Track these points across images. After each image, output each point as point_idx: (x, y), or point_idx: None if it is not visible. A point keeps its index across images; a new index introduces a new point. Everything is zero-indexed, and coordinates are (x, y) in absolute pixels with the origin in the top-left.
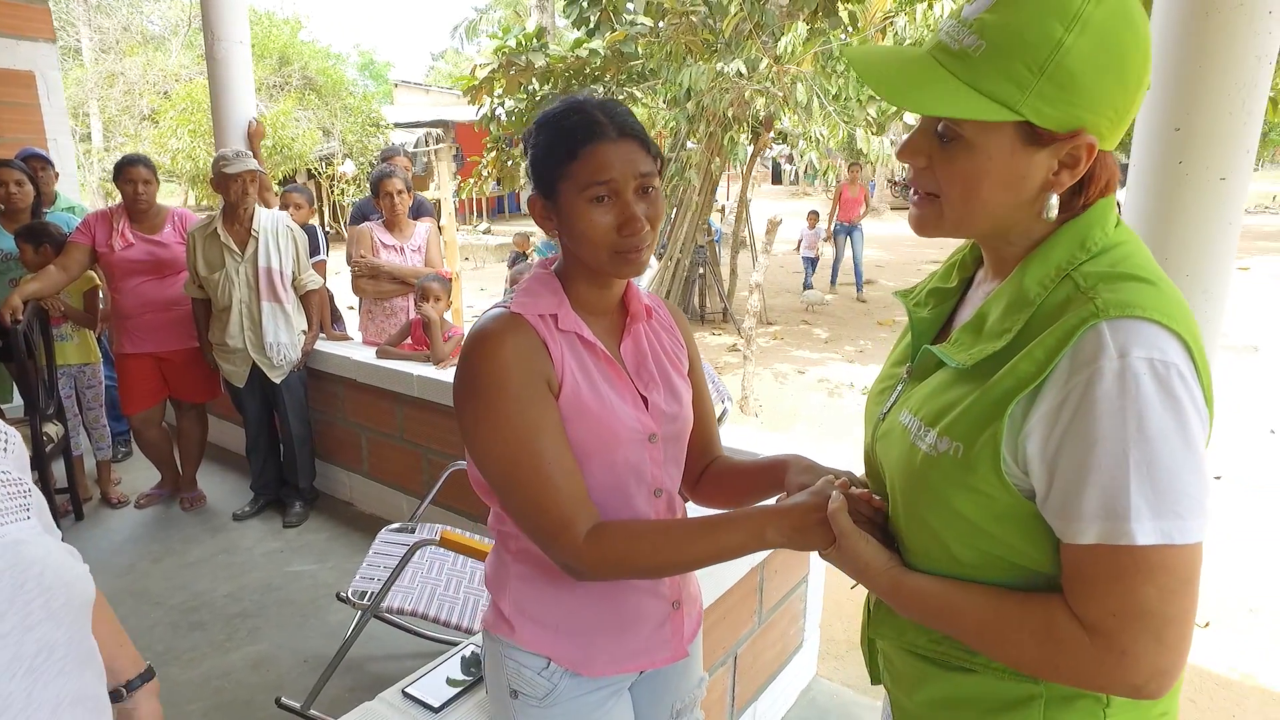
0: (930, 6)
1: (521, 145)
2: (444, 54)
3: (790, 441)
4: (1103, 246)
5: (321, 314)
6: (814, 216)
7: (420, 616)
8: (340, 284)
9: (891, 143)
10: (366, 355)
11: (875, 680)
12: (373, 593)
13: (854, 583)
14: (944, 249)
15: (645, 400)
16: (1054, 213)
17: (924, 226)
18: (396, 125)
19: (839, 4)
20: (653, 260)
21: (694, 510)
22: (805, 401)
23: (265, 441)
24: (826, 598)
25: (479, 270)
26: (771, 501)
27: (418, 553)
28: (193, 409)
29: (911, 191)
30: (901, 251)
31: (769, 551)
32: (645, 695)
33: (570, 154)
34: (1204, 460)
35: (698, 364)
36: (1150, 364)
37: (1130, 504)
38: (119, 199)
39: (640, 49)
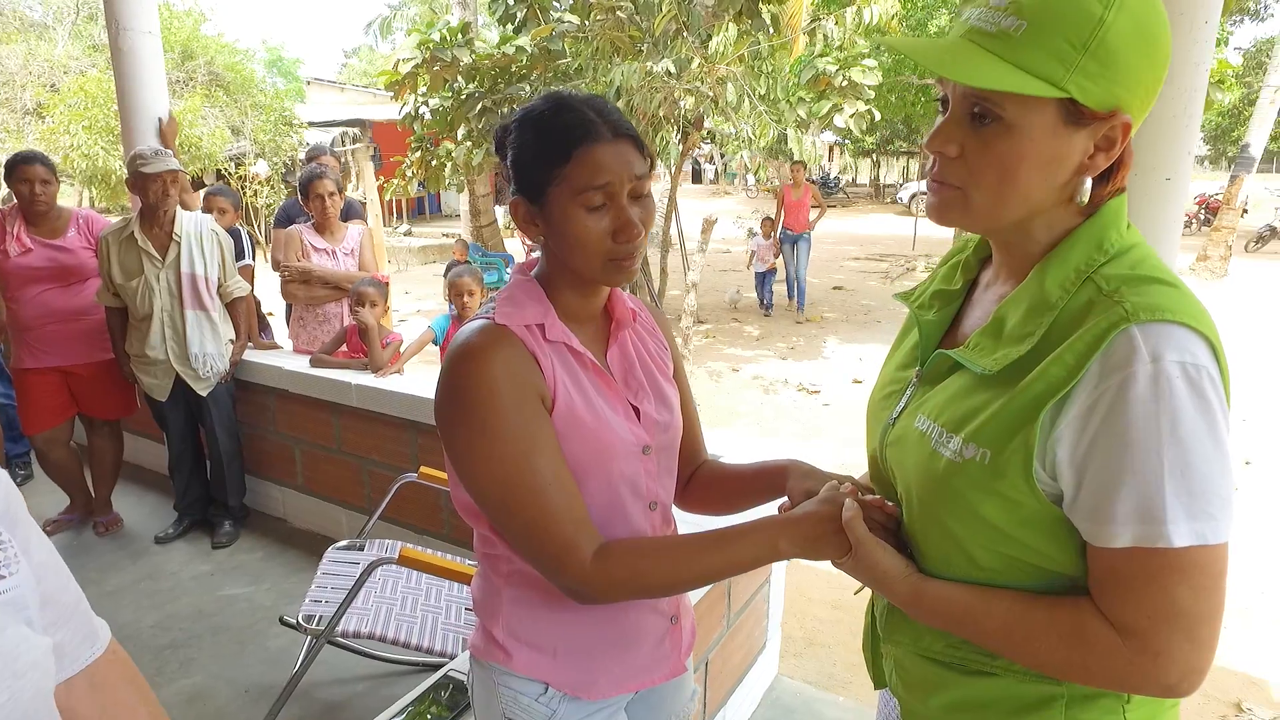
0: (859, 12)
1: (495, 143)
2: (357, 51)
3: (765, 445)
4: (1119, 248)
5: (249, 322)
6: (768, 224)
7: (378, 639)
8: (264, 290)
9: (814, 143)
10: (299, 364)
11: (879, 685)
12: (322, 616)
13: (858, 588)
14: (864, 246)
15: (637, 411)
16: (1087, 197)
17: (947, 215)
18: (311, 124)
19: (761, 6)
20: None
21: (679, 516)
22: (742, 399)
23: (190, 458)
24: (784, 596)
25: (402, 273)
26: (770, 508)
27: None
28: (106, 426)
29: (930, 181)
30: (824, 248)
31: None
32: (641, 714)
33: (563, 155)
34: (1230, 459)
35: (681, 366)
36: (1183, 367)
37: (1166, 507)
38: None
39: (567, 47)
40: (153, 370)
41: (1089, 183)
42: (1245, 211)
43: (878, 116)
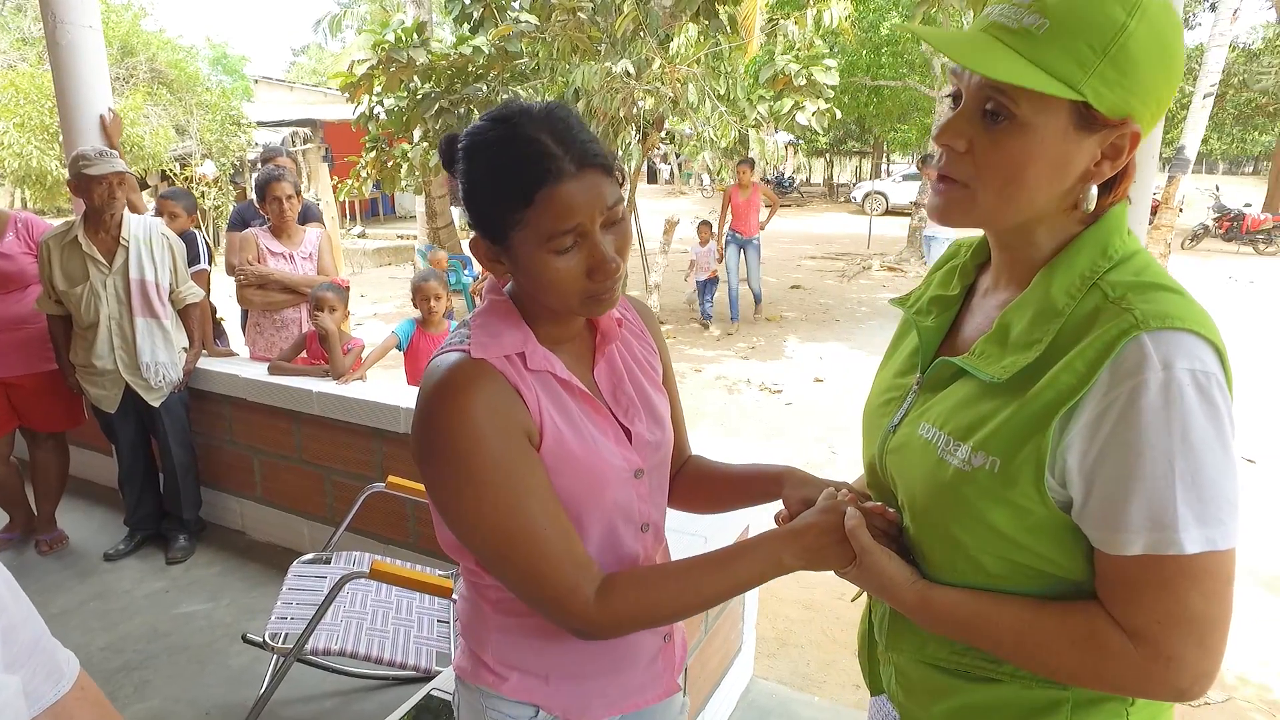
0: (820, 13)
1: (440, 156)
2: (306, 49)
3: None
4: (1123, 254)
5: (204, 329)
6: (706, 229)
7: (349, 656)
8: (217, 295)
9: (775, 143)
10: (257, 372)
11: (875, 692)
12: (288, 634)
13: (855, 594)
14: (820, 245)
15: (628, 433)
16: (1093, 204)
17: (950, 215)
18: (260, 124)
19: (718, 6)
20: None
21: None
22: (706, 399)
23: (141, 471)
24: (757, 597)
25: (357, 276)
26: (757, 511)
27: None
28: (50, 439)
29: (935, 179)
30: (780, 248)
31: None
32: None
33: (523, 199)
34: (1237, 464)
35: (669, 366)
36: (1193, 375)
37: (1178, 514)
38: None
39: (524, 47)
40: (100, 381)
41: (1094, 190)
42: (1181, 210)
43: (839, 115)
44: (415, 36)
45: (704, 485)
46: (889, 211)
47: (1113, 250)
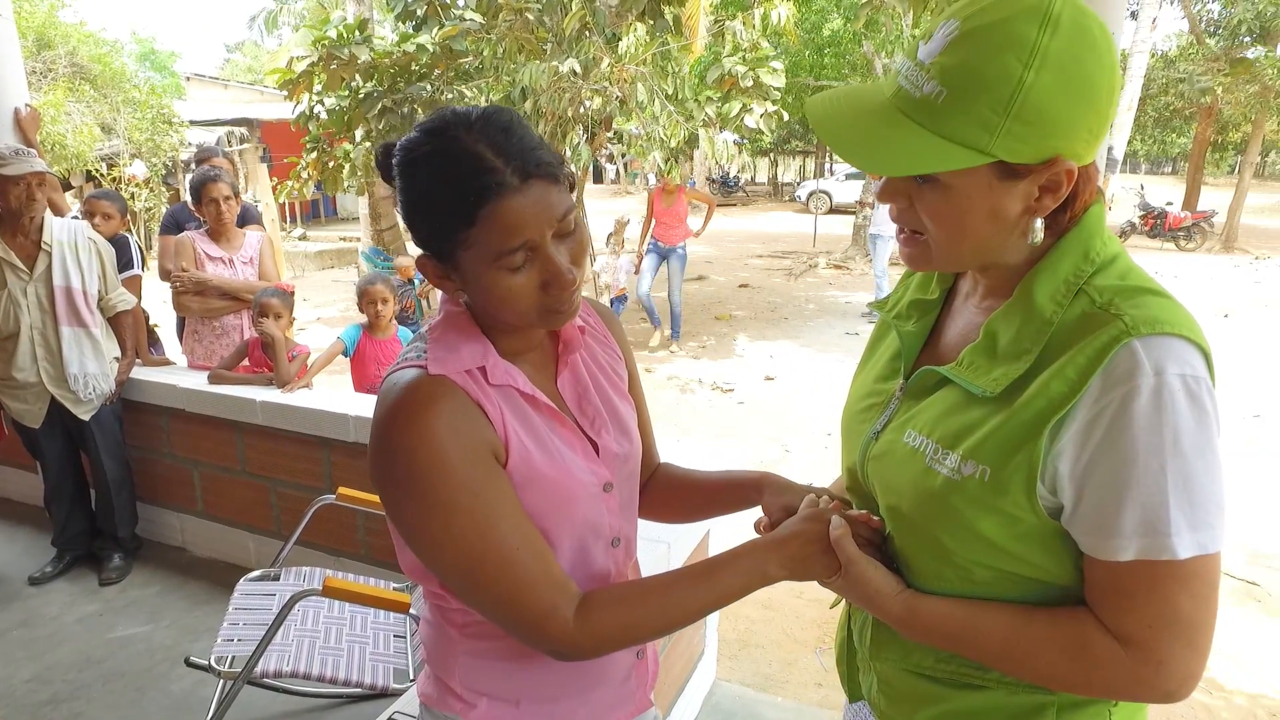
0: (767, 15)
1: (376, 164)
2: (241, 46)
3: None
4: (1105, 257)
5: (137, 337)
6: (618, 237)
7: (302, 677)
8: (150, 302)
9: (726, 143)
10: (196, 381)
11: (854, 699)
12: (235, 656)
13: (834, 601)
14: (766, 244)
15: (595, 446)
16: (1039, 237)
17: (916, 264)
18: (193, 123)
19: (663, 6)
20: None
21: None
22: (658, 400)
23: (70, 488)
24: None
25: (299, 279)
26: (738, 519)
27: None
28: None
29: (898, 230)
30: (727, 246)
31: None
32: None
33: (465, 219)
34: (1223, 467)
35: (635, 372)
36: (1183, 380)
37: (1170, 519)
38: None
39: (470, 45)
40: (22, 394)
41: (1040, 223)
42: (1110, 208)
43: (786, 116)
44: (357, 34)
45: (677, 494)
46: (833, 210)
47: (1094, 253)
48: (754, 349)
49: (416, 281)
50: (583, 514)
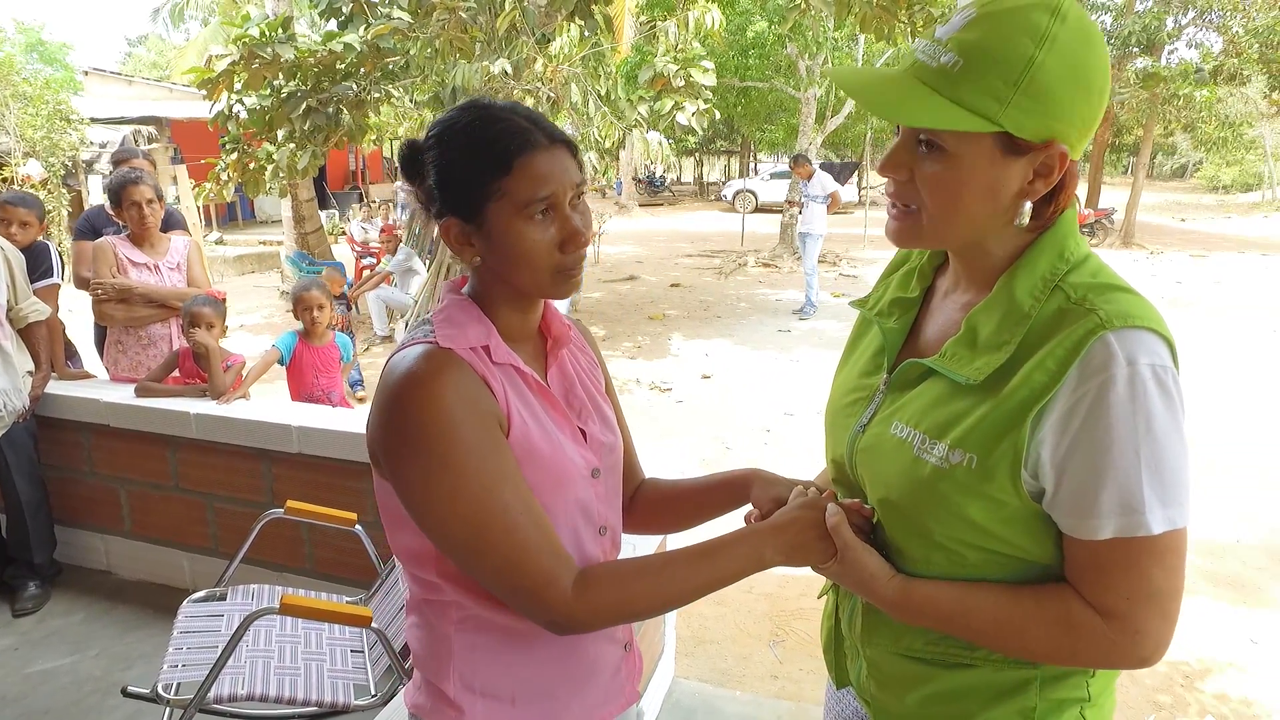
0: (703, 15)
1: (402, 167)
2: (144, 40)
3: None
4: (1078, 257)
5: (53, 350)
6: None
7: (259, 700)
8: (66, 313)
9: (660, 144)
10: (122, 394)
11: (841, 685)
12: (181, 683)
13: (821, 591)
14: (695, 243)
15: (583, 433)
16: (1027, 219)
17: (903, 238)
18: (94, 120)
19: (593, 7)
20: (419, 265)
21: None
22: None
23: None
24: None
25: (219, 285)
26: (726, 521)
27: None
28: None
29: (890, 205)
30: (657, 246)
31: None
32: None
33: (503, 167)
34: (1189, 448)
35: (611, 383)
36: (1153, 369)
37: (1144, 498)
38: None
39: (397, 44)
40: None
41: (1028, 207)
42: None
43: (718, 115)
44: (280, 32)
45: (666, 503)
46: (758, 209)
47: (1068, 253)
48: (689, 348)
49: (348, 287)
50: (575, 495)
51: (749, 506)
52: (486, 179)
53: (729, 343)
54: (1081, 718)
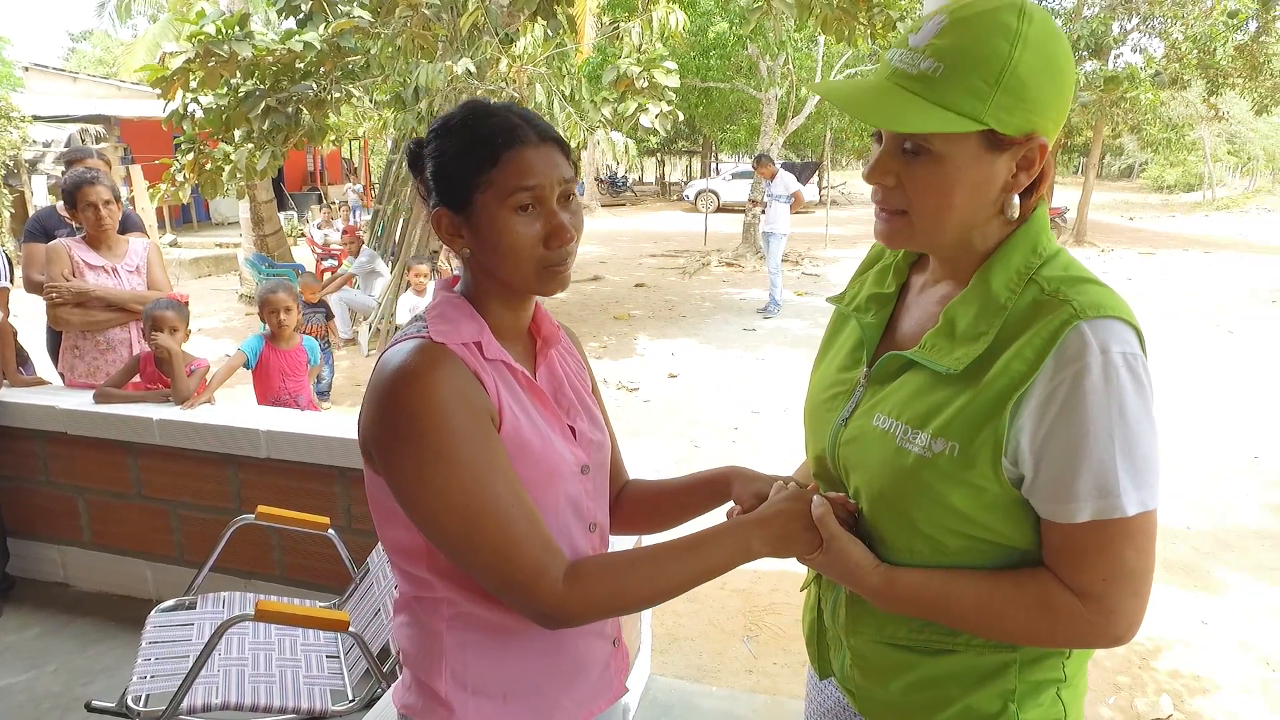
0: (667, 15)
1: (406, 159)
2: (89, 35)
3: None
4: (1050, 251)
5: (3, 356)
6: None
7: (234, 709)
8: (17, 316)
9: (626, 146)
10: (79, 401)
11: (824, 676)
12: (149, 695)
13: (804, 583)
14: (658, 243)
15: (573, 430)
16: (1016, 211)
17: (894, 240)
18: (36, 118)
19: (556, 7)
20: (383, 267)
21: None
22: None
23: None
24: None
25: (174, 288)
26: (709, 518)
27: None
28: None
29: (877, 209)
30: (620, 246)
31: None
32: None
33: (490, 159)
34: (1158, 432)
35: (597, 385)
36: (1125, 357)
37: (1119, 482)
38: None
39: (358, 43)
40: None
41: (1017, 198)
42: None
43: (681, 116)
44: (238, 29)
45: (650, 503)
46: (720, 209)
47: (1041, 248)
48: (655, 347)
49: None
50: (566, 490)
51: (731, 504)
52: (475, 170)
53: (694, 342)
54: (1058, 697)
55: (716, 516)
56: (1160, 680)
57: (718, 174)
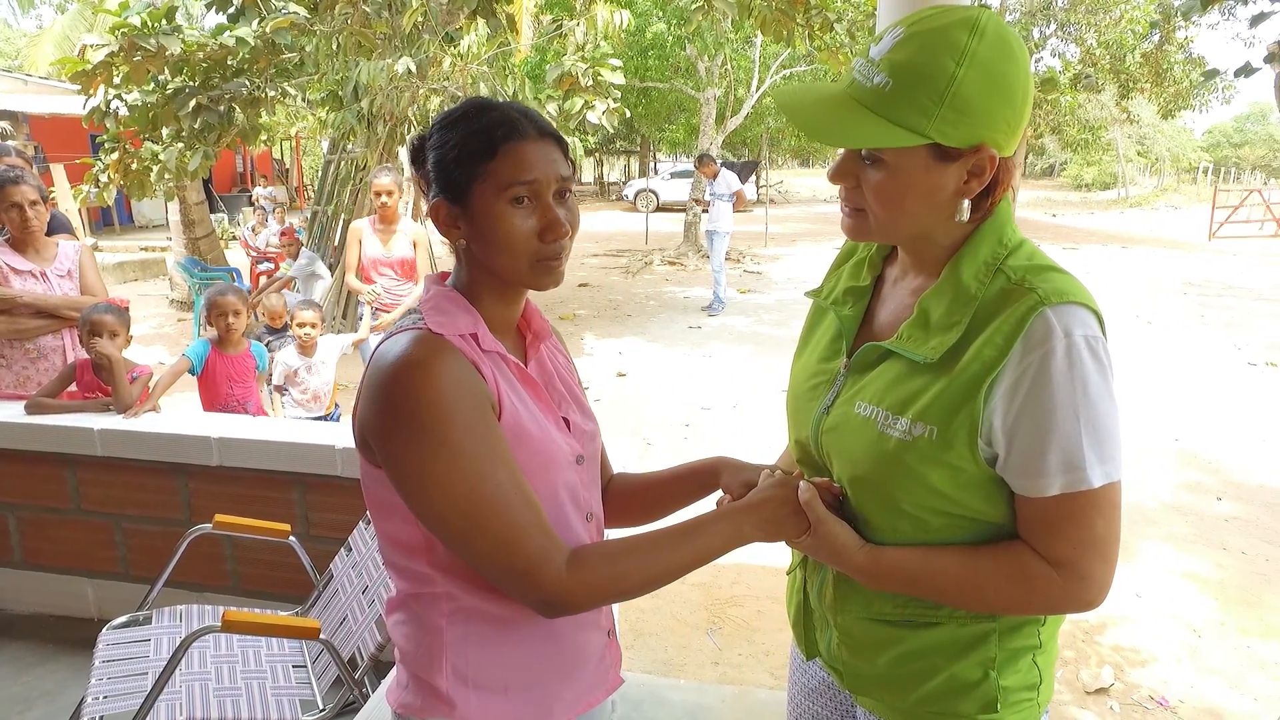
0: (611, 15)
1: (410, 155)
2: None
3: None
4: (1015, 242)
5: None
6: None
7: None
8: None
9: (575, 144)
10: (9, 412)
11: (810, 656)
12: (105, 716)
13: (791, 567)
14: (600, 243)
15: (566, 421)
16: (966, 215)
17: (857, 234)
18: None
19: (496, 6)
20: (324, 270)
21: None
22: None
23: None
24: None
25: None
26: (698, 508)
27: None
28: None
29: (841, 205)
30: (577, 246)
31: None
32: None
33: (488, 151)
34: (1119, 409)
35: (580, 382)
36: (1086, 340)
37: (1085, 456)
38: None
39: (294, 40)
40: None
41: (967, 204)
42: None
43: (629, 114)
44: (164, 23)
45: (637, 496)
46: (660, 208)
47: (1006, 239)
48: (602, 347)
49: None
50: (563, 479)
51: (720, 493)
52: (473, 161)
53: (641, 340)
54: (1034, 663)
55: (704, 506)
56: (1103, 653)
57: (656, 174)
